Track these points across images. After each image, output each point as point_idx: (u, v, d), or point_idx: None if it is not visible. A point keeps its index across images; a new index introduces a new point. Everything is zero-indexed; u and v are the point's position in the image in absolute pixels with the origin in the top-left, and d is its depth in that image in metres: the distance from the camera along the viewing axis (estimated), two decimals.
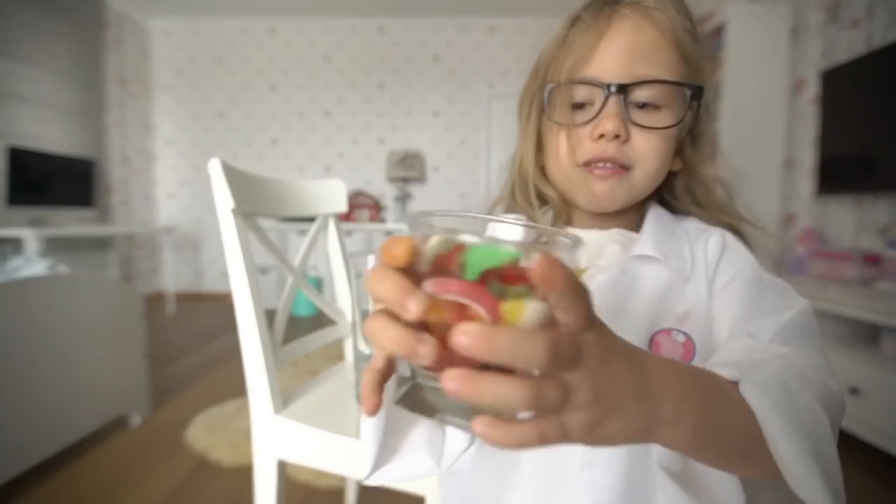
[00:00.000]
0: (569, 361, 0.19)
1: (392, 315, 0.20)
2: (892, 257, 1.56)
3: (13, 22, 2.76)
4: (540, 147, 0.45)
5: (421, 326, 0.20)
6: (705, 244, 0.40)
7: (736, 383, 0.27)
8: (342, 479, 1.25)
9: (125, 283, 1.57)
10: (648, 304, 0.37)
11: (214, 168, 0.70)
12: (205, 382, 2.03)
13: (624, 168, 0.39)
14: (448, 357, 0.19)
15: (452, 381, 0.18)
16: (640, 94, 0.38)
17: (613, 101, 0.37)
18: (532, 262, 0.18)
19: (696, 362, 0.35)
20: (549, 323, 0.20)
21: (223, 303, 3.96)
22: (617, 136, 0.37)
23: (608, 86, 0.37)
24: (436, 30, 3.99)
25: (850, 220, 1.89)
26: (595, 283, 0.38)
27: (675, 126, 0.39)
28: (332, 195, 1.01)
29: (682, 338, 0.36)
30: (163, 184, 4.19)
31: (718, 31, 2.26)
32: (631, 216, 0.43)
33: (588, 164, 0.39)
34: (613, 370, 0.22)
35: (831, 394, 0.30)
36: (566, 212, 0.44)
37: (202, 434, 1.52)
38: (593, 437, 0.21)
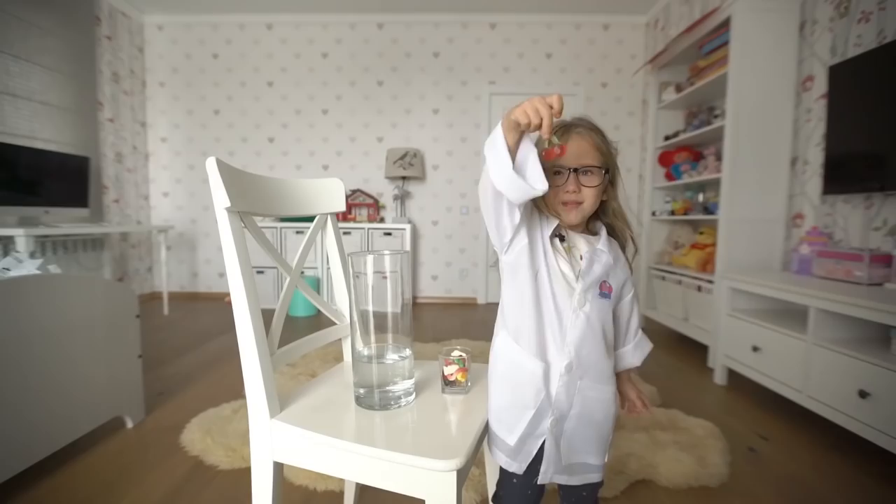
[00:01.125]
0: None
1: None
2: None
3: (3, 17, 2.71)
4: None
5: None
6: (622, 249, 0.82)
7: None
8: (341, 482, 1.23)
9: (119, 283, 1.54)
10: (601, 270, 0.74)
11: (211, 166, 0.68)
12: (201, 384, 2.00)
13: (579, 203, 0.74)
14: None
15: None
16: (584, 169, 0.74)
17: (573, 176, 0.73)
18: None
19: (612, 298, 0.76)
20: None
21: (219, 303, 3.92)
22: (576, 191, 0.74)
23: (571, 169, 0.73)
24: (436, 26, 3.95)
25: (859, 220, 1.86)
26: (580, 255, 0.75)
27: (599, 186, 0.75)
28: (330, 194, 0.98)
29: (608, 285, 0.76)
30: (157, 182, 4.14)
31: (724, 26, 2.23)
32: (583, 224, 0.80)
33: (565, 203, 0.75)
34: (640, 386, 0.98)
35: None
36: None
37: (198, 437, 1.49)
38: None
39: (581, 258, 0.74)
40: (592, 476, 0.76)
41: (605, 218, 0.82)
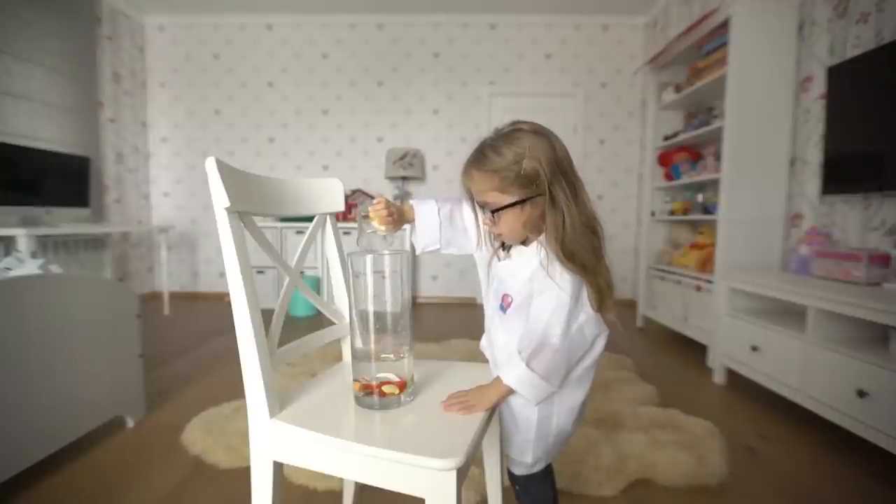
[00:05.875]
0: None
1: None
2: None
3: (5, 17, 2.72)
4: None
5: None
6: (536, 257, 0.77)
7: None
8: (340, 481, 1.23)
9: (120, 283, 1.54)
10: (499, 282, 0.81)
11: (211, 166, 0.68)
12: (201, 384, 2.00)
13: (499, 234, 0.78)
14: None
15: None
16: (483, 205, 0.76)
17: (484, 209, 0.76)
18: None
19: (510, 313, 0.79)
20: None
21: (219, 303, 3.92)
22: (493, 223, 0.76)
23: (480, 204, 0.76)
24: (435, 26, 3.95)
25: (857, 220, 1.86)
26: (505, 264, 0.81)
27: (514, 217, 0.73)
28: (330, 194, 0.98)
29: (510, 299, 0.79)
30: (158, 182, 4.15)
31: (723, 27, 2.23)
32: (525, 239, 0.80)
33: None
34: (483, 390, 0.75)
35: (550, 349, 0.72)
36: None
37: (198, 436, 1.49)
38: (479, 409, 0.72)
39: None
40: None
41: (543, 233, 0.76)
